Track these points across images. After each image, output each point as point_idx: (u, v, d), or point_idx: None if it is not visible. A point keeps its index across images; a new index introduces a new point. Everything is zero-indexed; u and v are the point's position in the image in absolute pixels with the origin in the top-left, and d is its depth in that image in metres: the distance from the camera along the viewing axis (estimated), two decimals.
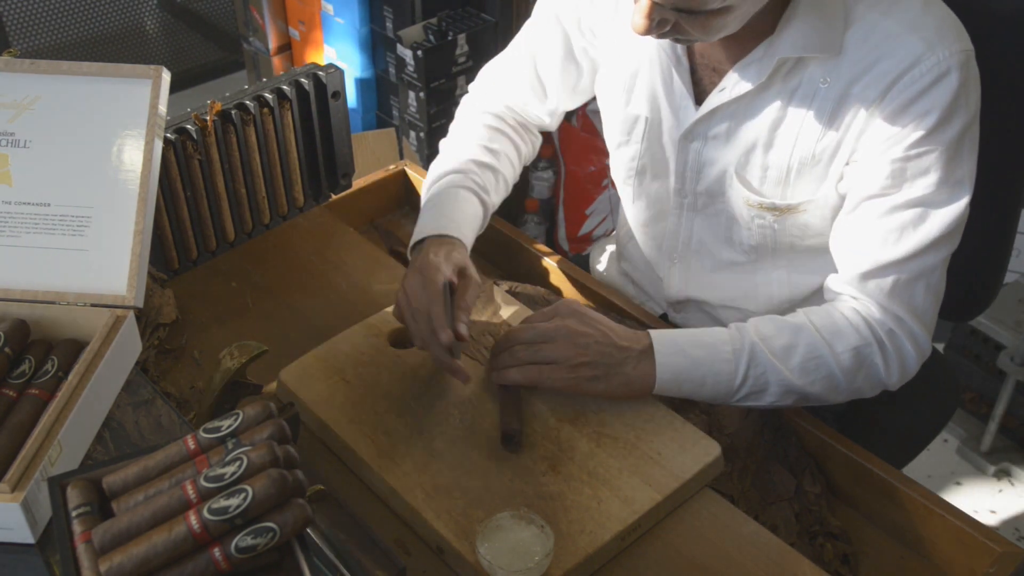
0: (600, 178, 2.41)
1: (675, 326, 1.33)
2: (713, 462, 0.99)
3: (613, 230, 1.56)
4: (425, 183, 1.24)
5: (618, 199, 1.33)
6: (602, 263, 1.47)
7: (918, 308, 1.06)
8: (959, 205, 1.02)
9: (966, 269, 1.25)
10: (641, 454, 0.99)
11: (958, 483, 2.14)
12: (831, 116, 1.04)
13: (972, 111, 1.01)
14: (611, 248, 1.48)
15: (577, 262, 1.43)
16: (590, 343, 1.02)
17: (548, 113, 1.31)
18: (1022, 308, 2.13)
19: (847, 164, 1.06)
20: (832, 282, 1.10)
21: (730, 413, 1.08)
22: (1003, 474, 2.16)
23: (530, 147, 1.33)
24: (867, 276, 1.05)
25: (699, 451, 0.99)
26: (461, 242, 1.12)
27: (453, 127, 1.31)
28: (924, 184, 1.01)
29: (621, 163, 1.25)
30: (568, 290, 1.30)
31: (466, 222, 1.16)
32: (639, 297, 1.38)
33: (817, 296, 1.23)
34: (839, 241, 1.09)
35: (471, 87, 1.34)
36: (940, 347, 2.21)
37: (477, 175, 1.21)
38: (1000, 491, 2.12)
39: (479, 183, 1.20)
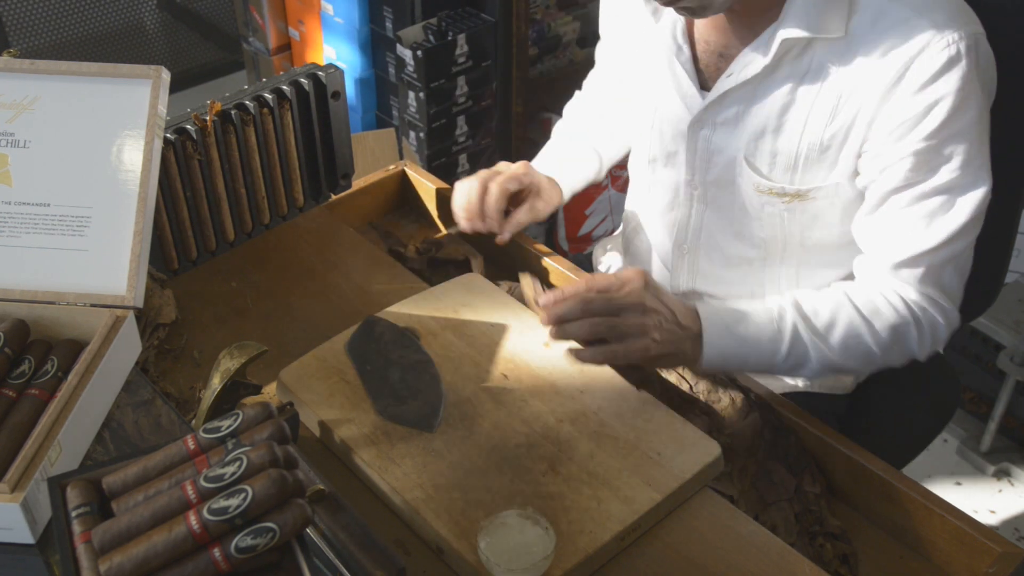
0: None
1: None
2: (713, 462, 0.99)
3: (614, 230, 1.56)
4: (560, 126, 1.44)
5: (619, 199, 1.34)
6: (603, 263, 1.47)
7: (947, 287, 1.09)
8: (983, 188, 1.04)
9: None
10: (641, 454, 0.99)
11: (958, 483, 2.14)
12: (841, 102, 1.05)
13: (987, 92, 1.03)
14: (612, 248, 1.48)
15: (577, 262, 1.43)
16: (662, 321, 1.02)
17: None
18: (1022, 308, 2.13)
19: (859, 156, 1.07)
20: (863, 265, 1.12)
21: (730, 413, 1.08)
22: (1003, 474, 2.15)
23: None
24: (900, 266, 1.08)
25: (699, 451, 0.99)
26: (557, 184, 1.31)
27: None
28: (948, 170, 1.03)
29: (637, 152, 1.28)
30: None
31: (572, 173, 1.35)
32: None
33: None
34: (867, 236, 1.11)
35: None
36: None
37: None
38: (1000, 491, 2.12)
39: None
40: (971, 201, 1.04)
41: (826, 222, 1.14)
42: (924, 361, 1.12)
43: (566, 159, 1.36)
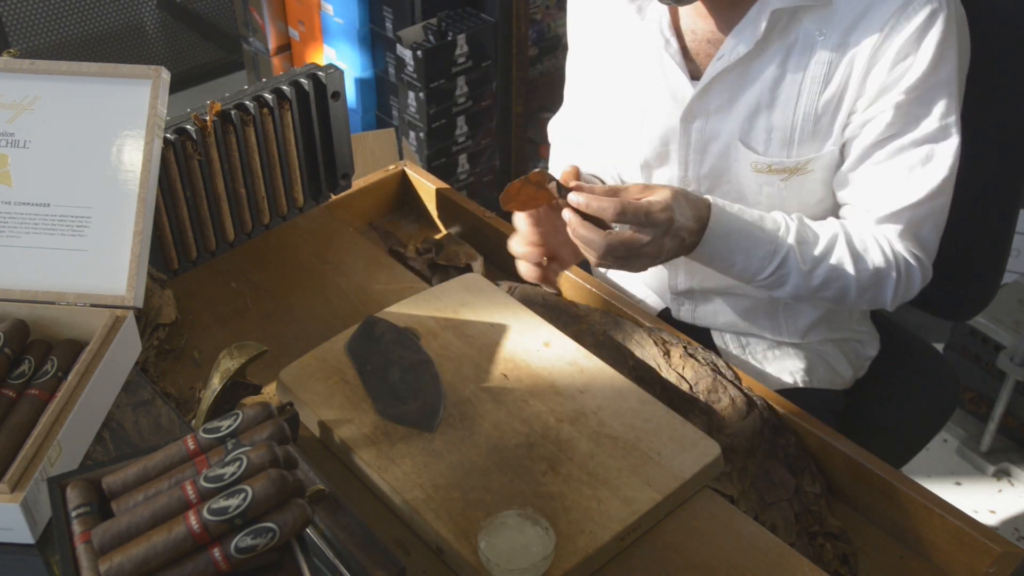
0: None
1: (677, 322, 1.34)
2: (713, 462, 0.99)
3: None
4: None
5: None
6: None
7: (925, 243, 1.12)
8: (958, 141, 1.06)
9: (965, 269, 1.25)
10: (641, 454, 0.99)
11: (958, 483, 2.14)
12: (831, 68, 1.06)
13: (963, 47, 1.04)
14: None
15: None
16: (671, 250, 1.04)
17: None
18: (1022, 308, 2.13)
19: (851, 115, 1.08)
20: (848, 214, 1.14)
21: (730, 413, 1.08)
22: (1003, 474, 2.15)
23: None
24: (882, 221, 1.10)
25: (699, 451, 0.99)
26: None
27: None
28: (929, 121, 1.05)
29: (627, 157, 1.26)
30: (568, 290, 1.30)
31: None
32: (641, 292, 1.38)
33: None
34: (849, 192, 1.12)
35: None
36: (940, 347, 2.21)
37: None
38: (1000, 491, 2.12)
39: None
40: (949, 154, 1.06)
41: (823, 196, 1.15)
42: (894, 308, 1.15)
43: None
